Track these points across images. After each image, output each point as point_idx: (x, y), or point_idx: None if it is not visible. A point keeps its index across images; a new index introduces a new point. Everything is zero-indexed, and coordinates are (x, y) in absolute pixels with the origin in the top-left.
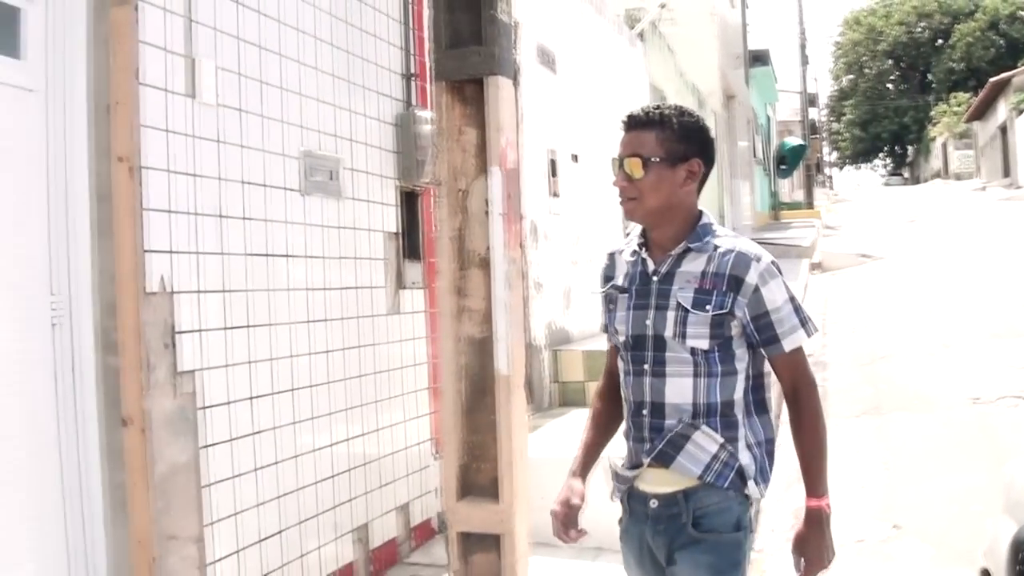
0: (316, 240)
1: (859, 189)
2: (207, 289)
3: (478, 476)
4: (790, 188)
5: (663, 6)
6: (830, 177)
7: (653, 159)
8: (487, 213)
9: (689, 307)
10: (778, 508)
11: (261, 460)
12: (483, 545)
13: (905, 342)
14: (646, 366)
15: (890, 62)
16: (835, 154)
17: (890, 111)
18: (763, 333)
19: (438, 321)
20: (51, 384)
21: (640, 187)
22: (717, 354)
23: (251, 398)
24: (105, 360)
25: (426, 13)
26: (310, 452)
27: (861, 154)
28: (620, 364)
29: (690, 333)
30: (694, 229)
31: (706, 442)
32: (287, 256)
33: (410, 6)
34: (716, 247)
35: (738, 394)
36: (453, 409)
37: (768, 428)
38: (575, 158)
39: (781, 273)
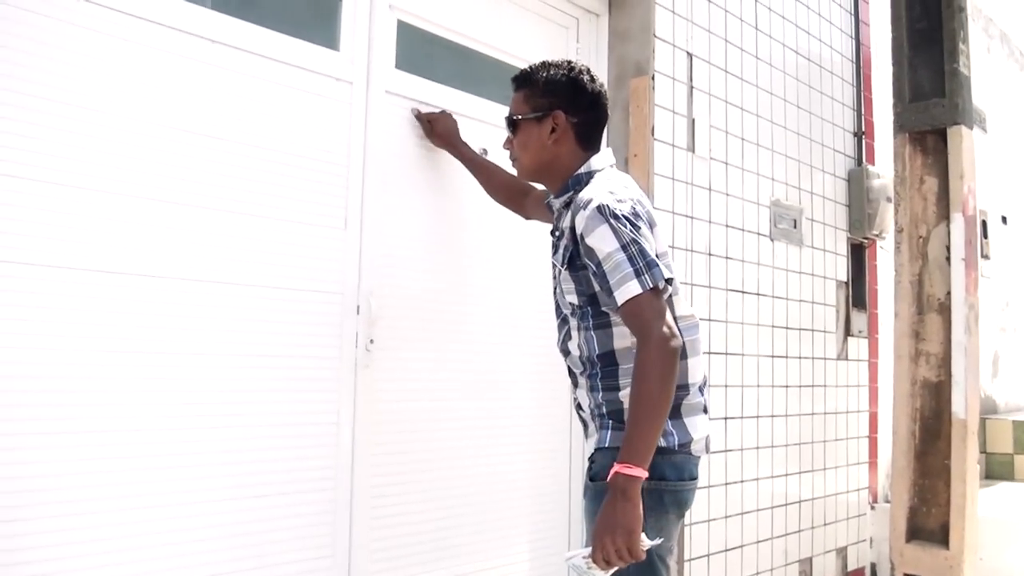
0: (780, 282)
1: None
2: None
3: (927, 520)
4: None
5: None
6: None
7: (519, 117)
8: (947, 259)
9: (560, 264)
10: None
11: (730, 476)
12: None
13: None
14: (562, 328)
15: None
16: None
17: None
18: (602, 286)
19: (894, 364)
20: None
21: (516, 146)
22: (590, 308)
23: (725, 418)
24: None
25: (874, 75)
26: (768, 478)
27: None
28: None
29: (565, 289)
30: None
31: (584, 398)
32: (757, 294)
33: (860, 68)
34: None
35: (621, 343)
36: (905, 450)
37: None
38: (1004, 220)
39: (616, 217)
